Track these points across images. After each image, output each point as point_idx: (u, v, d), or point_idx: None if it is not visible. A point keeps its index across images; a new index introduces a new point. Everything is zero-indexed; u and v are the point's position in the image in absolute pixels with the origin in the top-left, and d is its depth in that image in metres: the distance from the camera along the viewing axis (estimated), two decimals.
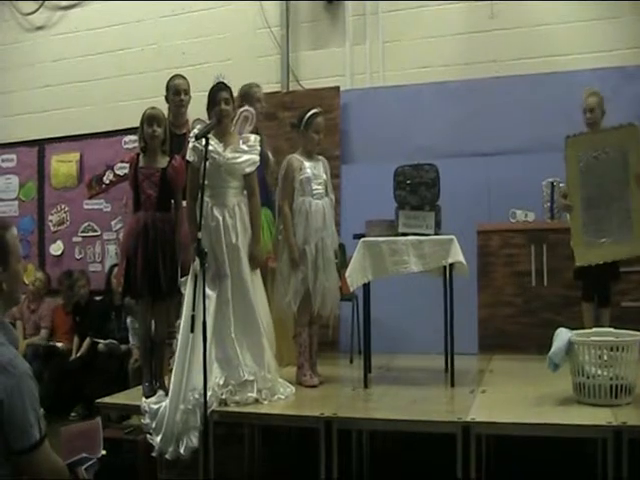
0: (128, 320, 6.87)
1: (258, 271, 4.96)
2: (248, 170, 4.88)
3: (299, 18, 7.85)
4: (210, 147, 4.63)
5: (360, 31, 7.61)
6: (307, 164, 5.25)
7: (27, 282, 7.83)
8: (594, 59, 6.69)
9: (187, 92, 5.71)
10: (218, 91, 4.83)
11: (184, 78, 5.76)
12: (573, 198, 5.52)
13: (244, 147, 4.88)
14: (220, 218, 4.76)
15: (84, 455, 2.87)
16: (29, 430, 2.54)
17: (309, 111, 5.31)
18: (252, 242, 4.87)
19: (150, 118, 5.01)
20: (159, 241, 4.94)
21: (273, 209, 5.59)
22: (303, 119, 5.29)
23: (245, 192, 4.92)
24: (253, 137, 4.95)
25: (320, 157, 5.39)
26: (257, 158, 4.92)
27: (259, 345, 4.79)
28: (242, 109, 5.07)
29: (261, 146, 5.05)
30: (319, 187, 5.25)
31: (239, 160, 4.83)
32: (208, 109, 4.88)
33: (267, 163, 5.70)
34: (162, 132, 5.03)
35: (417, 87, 7.22)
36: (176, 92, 5.68)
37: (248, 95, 5.68)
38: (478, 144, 6.87)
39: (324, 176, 5.31)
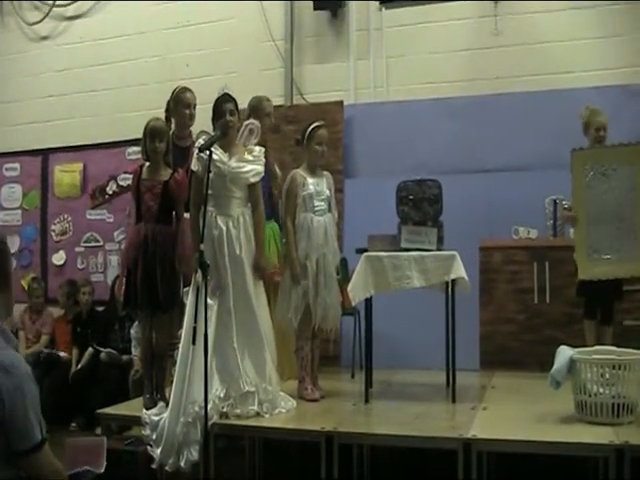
0: (132, 331, 6.85)
1: (261, 283, 4.96)
2: (252, 180, 4.89)
3: (303, 32, 7.88)
4: (215, 156, 4.67)
5: (364, 46, 7.64)
6: (310, 180, 5.26)
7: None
8: (597, 77, 6.71)
9: (195, 106, 5.69)
10: (223, 102, 4.86)
11: (192, 92, 5.72)
12: (578, 211, 5.50)
13: (249, 157, 4.90)
14: (224, 228, 4.77)
15: (87, 468, 2.87)
16: (31, 431, 2.55)
17: (311, 125, 5.33)
18: (256, 253, 4.88)
19: (152, 131, 5.03)
20: (158, 253, 4.96)
21: (280, 223, 5.61)
22: (306, 133, 5.31)
23: (249, 203, 4.94)
24: (258, 148, 4.97)
25: (325, 173, 5.40)
26: (261, 169, 4.94)
27: (261, 357, 4.80)
28: (247, 122, 5.08)
29: (267, 160, 5.08)
30: (321, 203, 5.26)
31: (243, 170, 4.85)
32: (213, 120, 4.90)
33: (274, 177, 5.70)
34: (164, 145, 5.05)
35: (421, 103, 7.23)
36: (187, 105, 5.58)
37: (258, 109, 5.66)
38: (481, 160, 6.88)
39: (327, 192, 5.32)
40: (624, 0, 6.76)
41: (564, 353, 4.49)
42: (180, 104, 5.60)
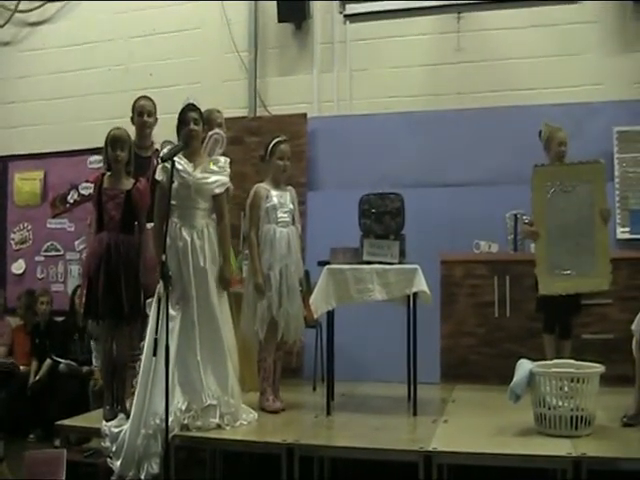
0: (92, 342, 6.78)
1: (225, 295, 4.96)
2: (217, 191, 4.89)
3: (267, 44, 7.89)
4: (180, 167, 4.69)
5: (328, 59, 7.68)
6: (274, 192, 5.30)
7: None
8: (558, 94, 6.81)
9: (151, 114, 5.66)
10: (188, 111, 4.87)
11: (150, 99, 5.70)
12: (539, 227, 5.54)
13: (214, 168, 4.90)
14: (188, 239, 4.77)
15: None
16: None
17: (273, 139, 5.38)
18: (221, 265, 4.88)
19: (114, 140, 5.02)
20: (122, 263, 4.94)
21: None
22: (268, 148, 5.36)
23: (214, 214, 4.93)
24: (223, 159, 4.98)
25: (289, 187, 5.45)
26: (226, 180, 4.94)
27: (223, 369, 4.79)
28: (212, 132, 5.08)
29: None
30: (285, 215, 5.29)
31: (208, 180, 4.85)
32: (178, 130, 4.90)
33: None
34: (126, 154, 5.04)
35: (384, 116, 7.28)
36: (140, 113, 5.60)
37: (209, 120, 5.64)
38: (443, 174, 6.94)
39: (291, 206, 5.36)
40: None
41: (524, 366, 4.55)
42: (135, 112, 5.64)
